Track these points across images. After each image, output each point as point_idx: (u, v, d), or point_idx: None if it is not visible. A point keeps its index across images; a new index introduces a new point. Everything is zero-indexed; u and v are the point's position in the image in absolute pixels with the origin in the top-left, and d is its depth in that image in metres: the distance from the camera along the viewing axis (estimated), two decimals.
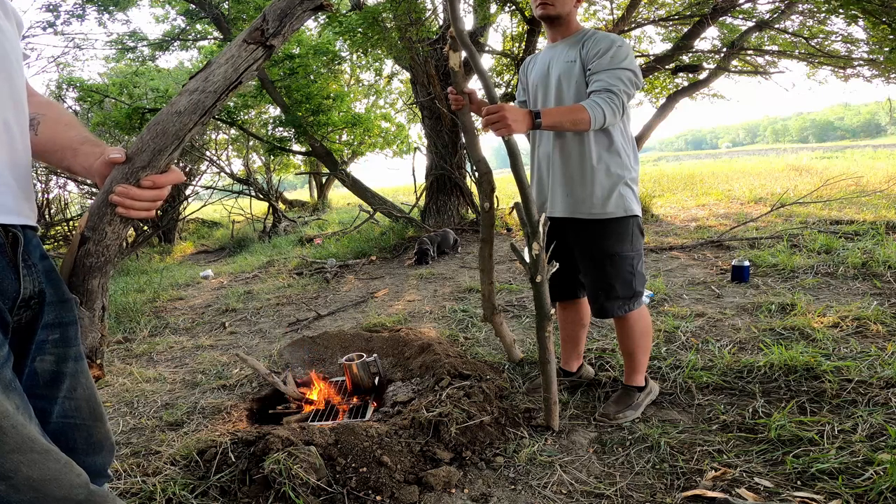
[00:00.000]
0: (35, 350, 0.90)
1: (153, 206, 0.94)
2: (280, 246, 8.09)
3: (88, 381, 0.99)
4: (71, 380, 0.95)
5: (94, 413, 1.00)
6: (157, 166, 0.93)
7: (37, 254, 0.92)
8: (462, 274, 4.93)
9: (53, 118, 1.00)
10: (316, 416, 2.32)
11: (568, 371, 2.39)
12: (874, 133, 73.18)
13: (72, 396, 0.95)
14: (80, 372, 0.97)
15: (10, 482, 0.77)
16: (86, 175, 0.98)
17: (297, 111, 7.52)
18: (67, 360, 0.94)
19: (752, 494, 1.54)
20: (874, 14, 5.38)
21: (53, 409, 0.93)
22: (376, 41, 6.20)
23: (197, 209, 12.08)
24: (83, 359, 0.98)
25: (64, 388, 0.94)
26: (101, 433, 1.02)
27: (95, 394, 1.01)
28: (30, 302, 0.89)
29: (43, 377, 0.91)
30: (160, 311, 4.66)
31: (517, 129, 1.73)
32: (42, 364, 0.91)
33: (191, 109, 0.93)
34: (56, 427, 0.93)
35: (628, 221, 1.97)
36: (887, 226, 4.83)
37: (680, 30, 7.22)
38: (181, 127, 0.93)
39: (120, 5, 7.26)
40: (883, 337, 2.52)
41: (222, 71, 0.95)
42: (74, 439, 0.96)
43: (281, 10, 0.98)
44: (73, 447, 0.95)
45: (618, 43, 1.85)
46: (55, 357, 0.93)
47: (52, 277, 0.94)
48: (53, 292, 0.93)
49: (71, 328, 0.95)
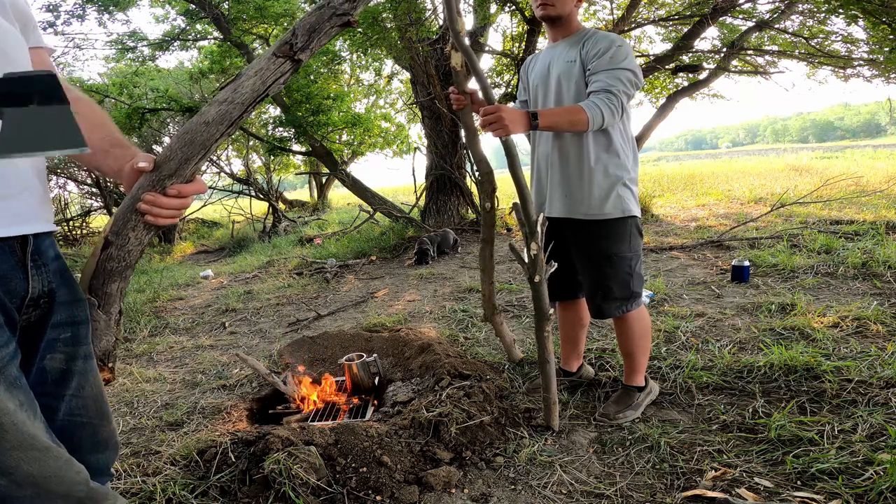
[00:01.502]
0: (45, 348, 0.92)
1: (178, 214, 0.97)
2: (280, 246, 8.09)
3: (96, 380, 1.01)
4: (79, 378, 0.96)
5: (100, 412, 1.01)
6: (184, 175, 0.95)
7: (50, 253, 0.93)
8: (462, 274, 4.93)
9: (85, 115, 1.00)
10: (316, 416, 2.32)
11: (568, 371, 2.39)
12: (874, 133, 73.18)
13: (79, 395, 0.96)
14: (89, 370, 0.98)
15: (11, 478, 0.78)
16: (114, 177, 1.00)
17: (297, 111, 7.52)
18: (77, 358, 0.96)
19: (752, 494, 1.54)
20: (874, 14, 5.38)
21: (60, 407, 0.94)
22: (376, 41, 6.20)
23: (197, 209, 12.09)
24: (92, 358, 1.00)
25: (72, 386, 0.95)
26: (107, 432, 1.03)
27: (102, 393, 1.02)
28: (39, 301, 0.90)
29: (52, 375, 0.93)
30: (160, 311, 4.66)
31: (514, 129, 1.73)
32: (52, 362, 0.92)
33: (219, 120, 0.96)
34: (62, 424, 0.94)
35: (626, 222, 1.97)
36: (887, 226, 4.83)
37: (680, 30, 7.22)
38: (209, 137, 0.95)
39: (120, 5, 7.26)
40: (883, 337, 2.52)
41: (251, 83, 0.98)
42: (80, 437, 0.97)
43: (310, 26, 1.02)
44: (79, 445, 0.96)
45: (617, 43, 1.85)
46: (65, 355, 0.94)
47: (65, 277, 0.95)
48: (67, 292, 0.94)
49: (82, 327, 0.97)
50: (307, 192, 18.68)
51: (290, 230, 9.94)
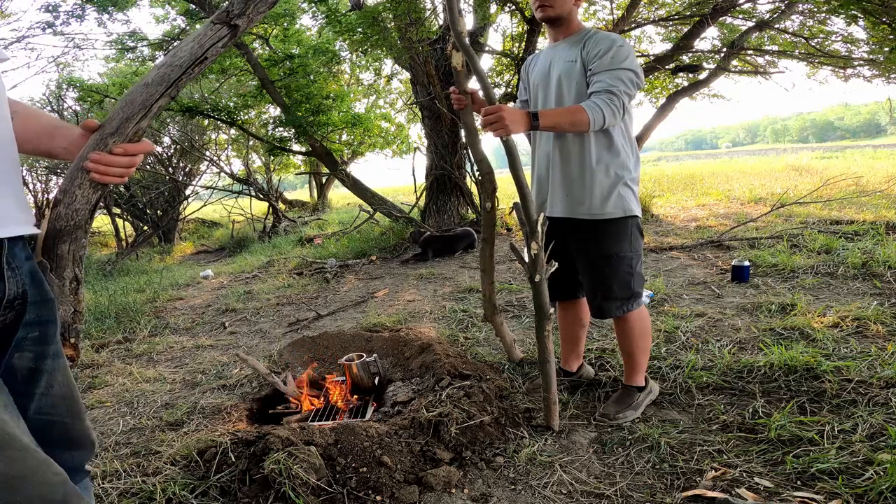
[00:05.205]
0: (14, 347, 0.93)
1: (126, 173, 1.02)
2: (280, 246, 8.09)
3: (66, 379, 1.01)
4: (48, 376, 0.97)
5: (71, 410, 1.01)
6: (125, 133, 1.00)
7: (21, 255, 0.94)
8: (462, 274, 4.93)
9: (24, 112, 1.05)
10: (316, 416, 2.32)
11: (568, 371, 2.39)
12: (874, 133, 73.16)
13: (48, 393, 0.97)
14: (58, 369, 0.99)
15: None
16: (65, 156, 1.05)
17: (297, 111, 7.51)
18: (46, 357, 0.96)
19: (752, 494, 1.54)
20: (874, 14, 5.38)
21: (30, 406, 0.95)
22: (376, 41, 6.19)
23: (197, 209, 12.08)
24: (62, 357, 1.00)
25: (41, 384, 0.96)
26: (79, 430, 1.03)
27: (74, 391, 1.02)
28: (14, 303, 0.91)
29: (21, 373, 0.93)
30: (160, 311, 4.66)
31: (514, 129, 1.73)
32: (20, 361, 0.93)
33: (157, 81, 1.01)
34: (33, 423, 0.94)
35: (627, 222, 1.96)
36: (887, 226, 4.83)
37: (680, 30, 7.22)
38: (148, 97, 1.01)
39: (119, 5, 7.25)
40: (883, 337, 2.52)
41: (189, 48, 1.04)
42: (51, 435, 0.98)
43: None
44: (49, 442, 0.95)
45: (618, 43, 1.84)
46: (34, 354, 0.95)
47: (36, 278, 0.96)
48: (36, 292, 0.96)
49: (50, 326, 0.98)
50: (307, 192, 18.68)
51: (290, 230, 9.94)
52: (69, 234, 1.01)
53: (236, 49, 7.15)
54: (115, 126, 1.00)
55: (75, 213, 1.00)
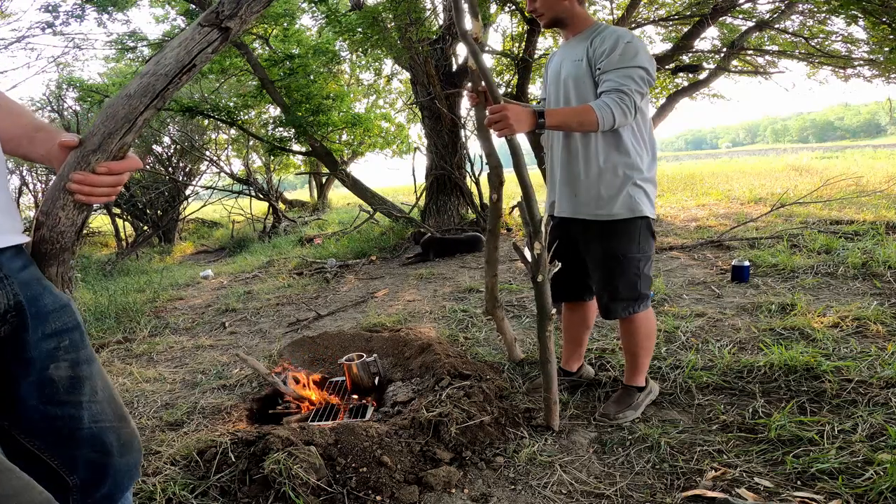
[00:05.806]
0: (46, 358, 0.90)
1: (113, 192, 0.94)
2: (280, 246, 8.09)
3: (105, 383, 1.00)
4: (89, 383, 0.95)
5: (117, 414, 1.00)
6: (108, 150, 0.92)
7: (14, 265, 0.89)
8: (462, 274, 4.93)
9: (6, 107, 0.99)
10: (316, 416, 2.32)
11: (568, 371, 2.38)
12: (874, 133, 73.20)
13: (95, 400, 0.96)
14: (95, 374, 0.97)
15: None
16: (44, 161, 0.98)
17: (297, 111, 7.51)
18: (80, 363, 0.95)
19: (752, 494, 1.54)
20: (874, 14, 5.38)
21: (84, 415, 0.93)
22: (376, 41, 6.19)
23: (197, 209, 12.08)
24: (96, 360, 0.98)
25: (86, 392, 0.94)
26: (128, 432, 1.03)
27: (115, 394, 1.01)
28: (6, 316, 0.86)
29: (62, 384, 0.92)
30: (160, 311, 4.66)
31: (519, 129, 1.72)
32: (57, 371, 0.91)
33: (141, 92, 0.92)
34: (91, 432, 0.93)
35: (636, 223, 1.93)
36: (887, 226, 4.83)
37: (680, 30, 7.22)
38: (131, 110, 0.92)
39: (118, 5, 7.25)
40: (883, 337, 2.52)
41: (174, 54, 0.94)
42: (110, 442, 0.97)
43: None
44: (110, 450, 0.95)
45: (626, 39, 1.80)
46: (69, 362, 0.93)
47: (44, 284, 0.93)
48: (52, 300, 0.92)
49: (76, 332, 0.95)
50: (307, 192, 18.69)
51: (290, 230, 9.94)
52: (55, 258, 0.95)
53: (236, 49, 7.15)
54: (97, 143, 0.91)
55: (60, 235, 0.93)
